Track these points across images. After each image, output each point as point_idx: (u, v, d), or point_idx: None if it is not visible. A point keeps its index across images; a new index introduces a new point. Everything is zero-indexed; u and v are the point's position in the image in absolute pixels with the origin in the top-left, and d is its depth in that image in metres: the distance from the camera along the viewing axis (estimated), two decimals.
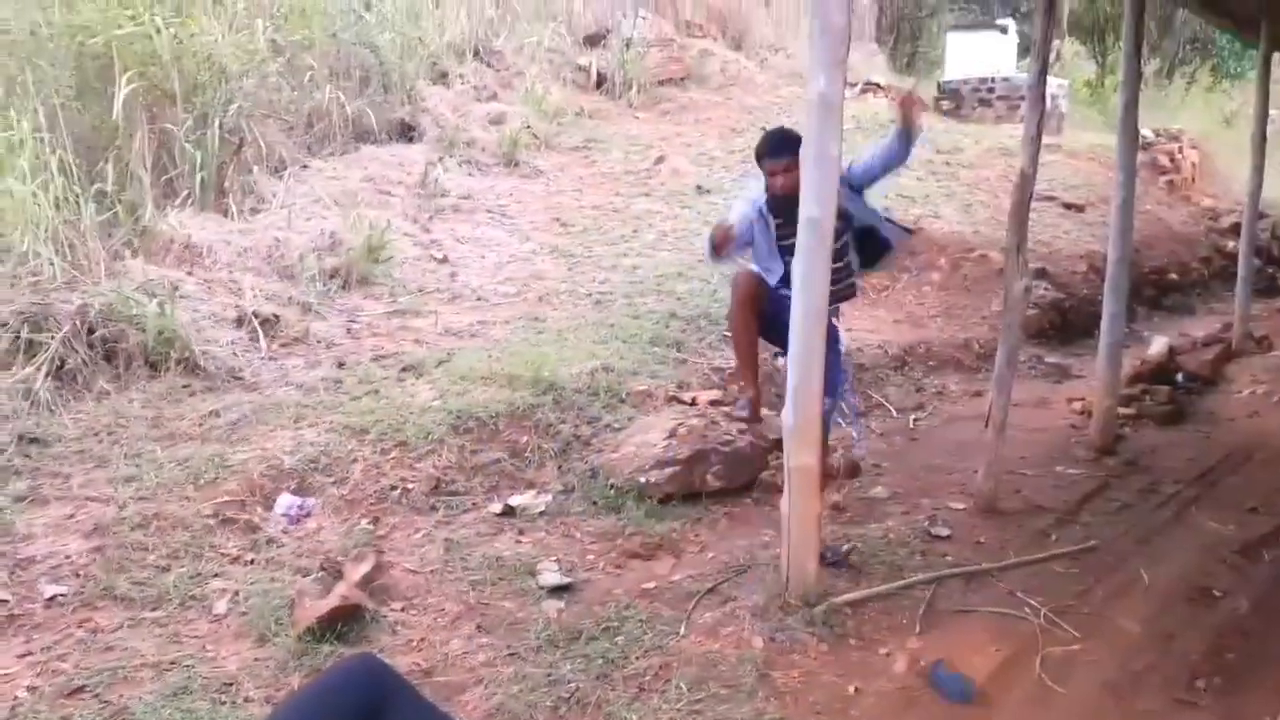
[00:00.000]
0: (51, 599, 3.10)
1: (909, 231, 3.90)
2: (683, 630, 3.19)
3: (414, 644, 3.14)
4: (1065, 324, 8.03)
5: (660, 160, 9.22)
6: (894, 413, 5.78)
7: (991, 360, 4.74)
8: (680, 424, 4.50)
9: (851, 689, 2.86)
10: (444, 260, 6.85)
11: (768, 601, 3.29)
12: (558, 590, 3.49)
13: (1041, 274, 7.98)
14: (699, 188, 8.75)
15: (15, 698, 2.71)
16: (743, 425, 4.60)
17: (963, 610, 3.29)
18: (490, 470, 4.33)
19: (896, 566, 3.62)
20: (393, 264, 6.40)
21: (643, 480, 4.25)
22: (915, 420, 5.63)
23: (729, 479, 4.39)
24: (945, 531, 3.94)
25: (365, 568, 3.36)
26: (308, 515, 3.83)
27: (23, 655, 2.90)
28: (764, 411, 4.92)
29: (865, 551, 3.79)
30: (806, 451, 3.17)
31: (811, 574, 3.26)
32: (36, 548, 3.30)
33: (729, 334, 4.02)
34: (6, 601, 3.06)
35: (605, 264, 7.09)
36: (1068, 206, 9.97)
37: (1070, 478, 4.74)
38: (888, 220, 4.26)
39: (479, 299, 6.33)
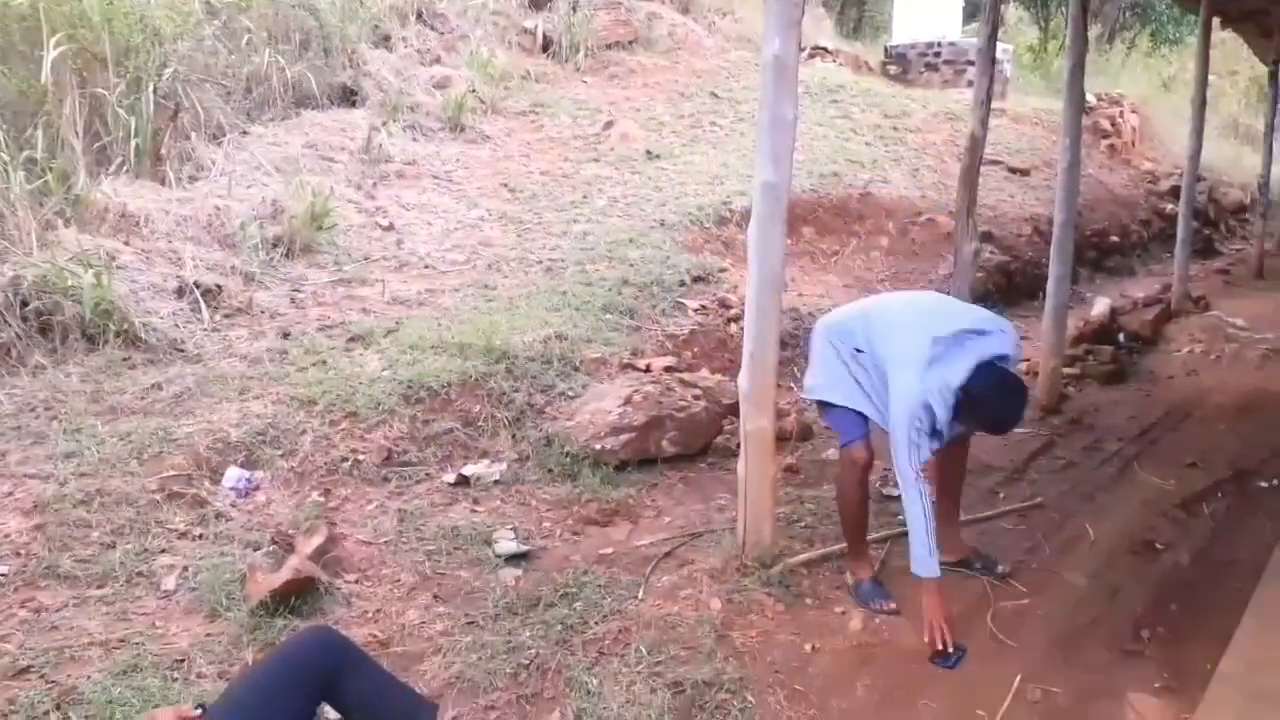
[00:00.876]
0: None
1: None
2: (641, 594, 3.20)
3: (370, 615, 3.11)
4: (1011, 286, 8.16)
5: (609, 125, 9.13)
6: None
7: None
8: (635, 391, 4.49)
9: (809, 647, 2.90)
10: (390, 228, 6.71)
11: (725, 564, 3.31)
12: (515, 558, 3.48)
13: (988, 237, 8.08)
14: (649, 153, 8.68)
15: None
16: (697, 392, 4.61)
17: None
18: (443, 440, 4.29)
19: None
20: (337, 232, 6.26)
21: (598, 447, 4.24)
22: None
23: (685, 445, 4.40)
24: (896, 491, 3.99)
25: (317, 540, 3.31)
26: (256, 488, 3.76)
27: None
28: (718, 378, 4.94)
29: (817, 513, 3.83)
30: (762, 415, 3.18)
31: (767, 536, 3.28)
32: None
33: (838, 510, 3.36)
34: None
35: (555, 230, 7.02)
36: (1013, 170, 10.10)
37: (1016, 437, 4.82)
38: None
39: (427, 267, 6.22)
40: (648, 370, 4.98)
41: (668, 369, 5.02)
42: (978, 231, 5.64)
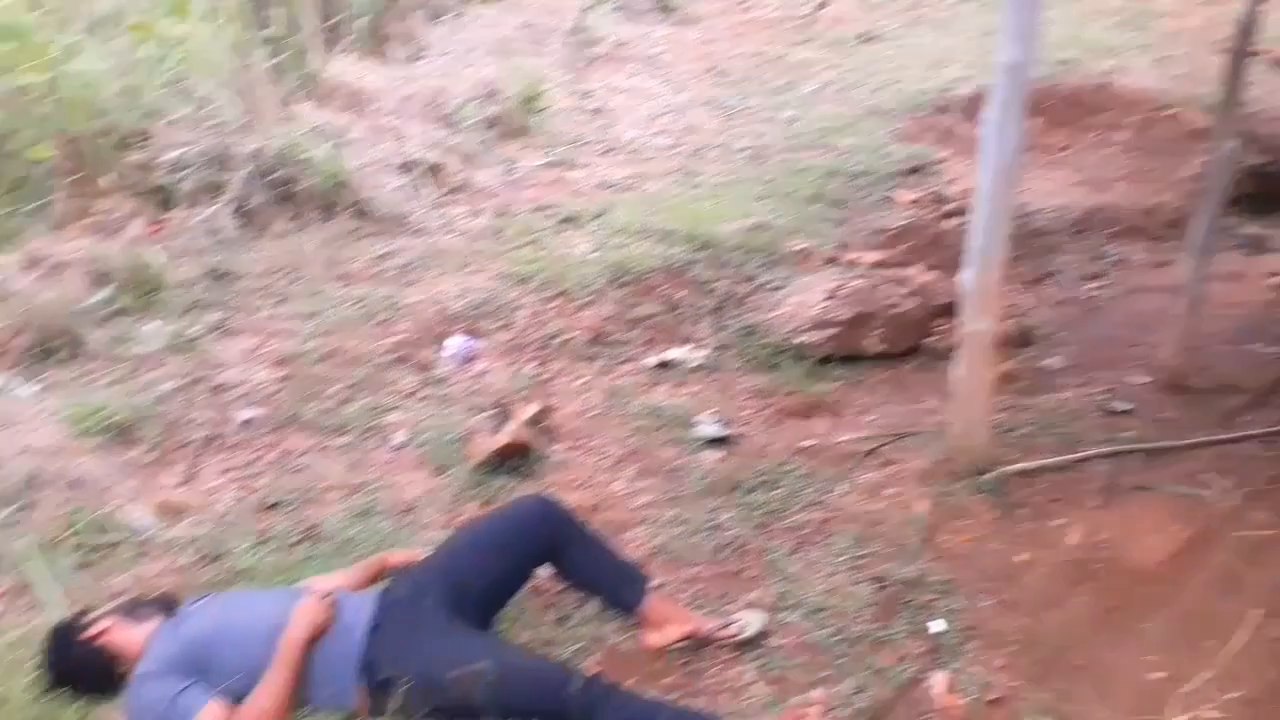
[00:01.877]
0: (246, 422, 3.33)
1: None
2: (843, 489, 3.17)
3: (579, 483, 3.23)
4: (1266, 193, 7.32)
5: (822, 6, 8.71)
6: (1070, 281, 5.45)
7: (1181, 228, 4.39)
8: (841, 285, 4.37)
9: (1022, 558, 2.80)
10: (598, 111, 6.74)
11: (933, 467, 3.22)
12: (715, 442, 3.52)
13: (1248, 137, 7.25)
14: (863, 35, 8.25)
15: (220, 511, 2.94)
16: (908, 289, 4.44)
17: (1144, 487, 3.13)
18: (647, 324, 4.34)
19: (1072, 439, 3.46)
20: (548, 114, 6.34)
21: (800, 340, 4.18)
22: (1093, 289, 5.30)
23: (891, 343, 4.26)
24: (1125, 406, 3.74)
25: (532, 409, 3.45)
26: (475, 357, 3.94)
27: (224, 472, 3.13)
28: (931, 275, 4.73)
29: (1036, 423, 3.65)
30: (984, 316, 3.02)
31: (981, 442, 3.16)
32: (230, 375, 3.52)
33: None
34: (207, 423, 3.29)
35: (762, 116, 6.84)
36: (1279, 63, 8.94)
37: (1266, 357, 4.38)
38: None
39: (633, 151, 6.23)
40: (854, 264, 4.83)
41: (876, 264, 4.84)
42: (1239, 129, 5.06)
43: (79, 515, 2.76)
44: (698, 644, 2.42)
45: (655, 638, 2.42)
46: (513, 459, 3.23)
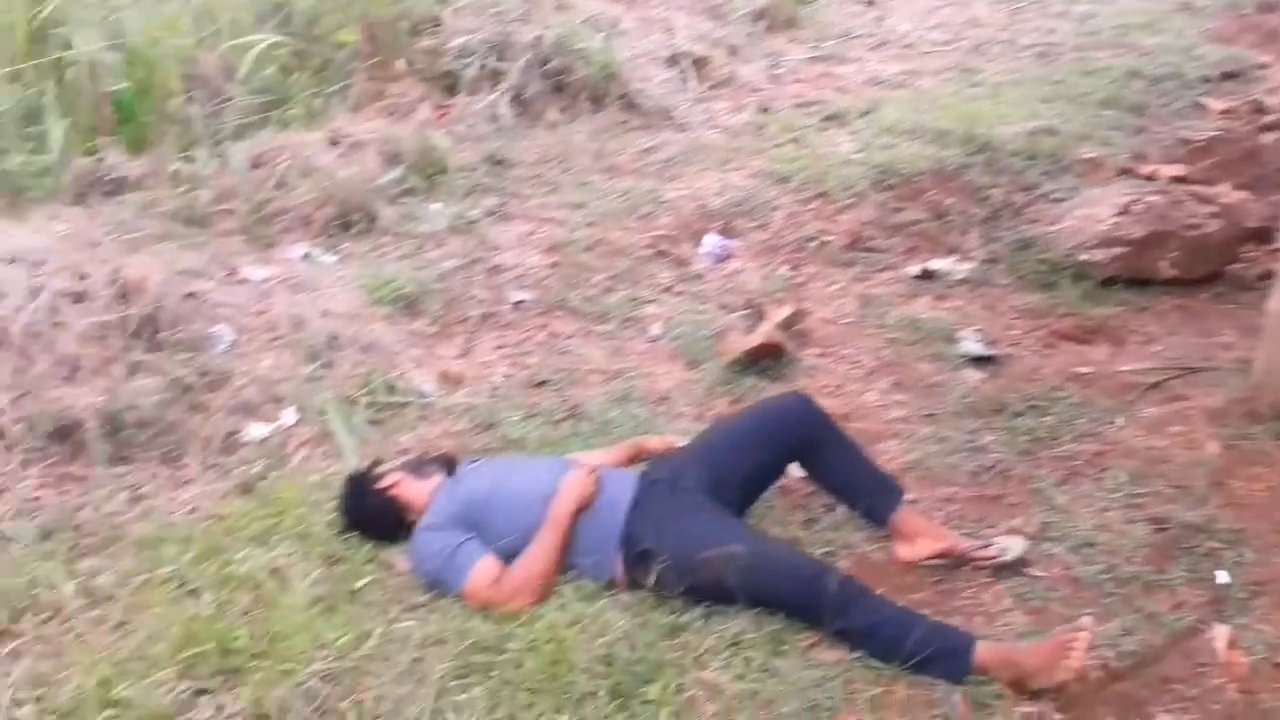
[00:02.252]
0: (518, 303, 3.51)
1: None
2: (1121, 421, 2.94)
3: (830, 390, 3.19)
4: None
5: None
6: None
7: None
8: (1135, 200, 3.99)
9: None
10: (871, 3, 6.43)
11: (1228, 406, 2.92)
12: (978, 360, 3.35)
13: None
14: None
15: (494, 382, 3.14)
16: (1213, 209, 3.98)
17: None
18: (910, 230, 4.16)
19: None
20: (819, 5, 6.12)
21: (1083, 258, 3.87)
22: None
23: (1187, 268, 3.86)
24: None
25: (786, 311, 3.42)
26: (730, 256, 3.94)
27: (497, 348, 3.34)
28: (1241, 196, 4.22)
29: None
30: None
31: None
32: (504, 258, 3.71)
33: None
34: (483, 301, 3.50)
35: (1053, 10, 6.28)
36: None
37: None
38: None
39: (907, 46, 5.90)
40: (1151, 178, 4.38)
41: (1176, 179, 4.37)
42: None
43: (372, 376, 3.03)
44: (952, 563, 2.36)
45: (907, 551, 2.38)
46: (764, 360, 3.23)
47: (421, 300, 3.42)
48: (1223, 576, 2.31)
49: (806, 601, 2.10)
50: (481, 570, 2.22)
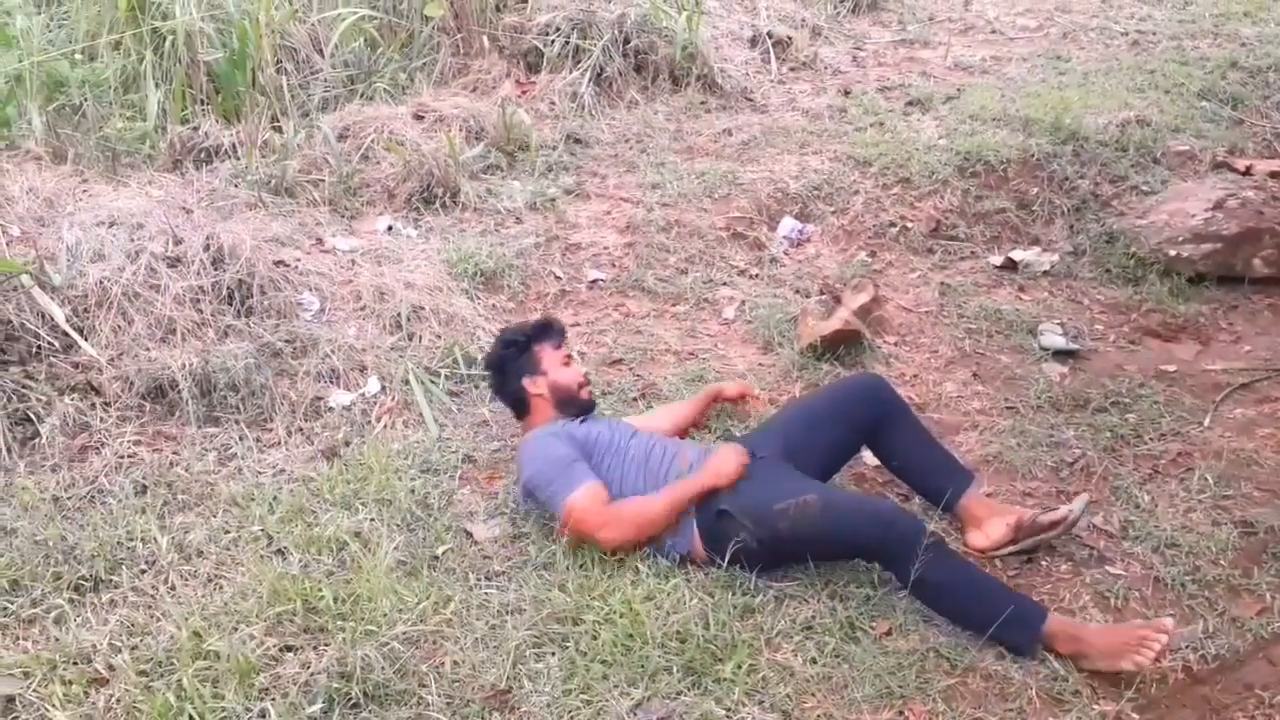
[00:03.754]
0: (594, 282, 3.53)
1: None
2: (1208, 421, 2.88)
3: (907, 378, 3.17)
4: None
5: None
6: None
7: None
8: (1230, 195, 3.87)
9: None
10: None
11: None
12: (1061, 354, 3.30)
13: None
14: None
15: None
16: None
17: None
18: (994, 219, 4.09)
19: None
20: None
21: (1172, 253, 3.77)
22: None
23: None
24: None
25: (864, 297, 3.39)
26: (808, 240, 3.92)
27: (573, 325, 3.35)
28: None
29: None
30: None
31: None
32: (581, 236, 3.73)
33: None
34: (560, 279, 3.53)
35: None
36: None
37: None
38: None
39: (994, 31, 5.78)
40: (1247, 173, 4.24)
41: (1274, 175, 4.22)
42: None
43: (453, 349, 3.08)
44: (1027, 554, 2.33)
45: (980, 538, 2.35)
46: (840, 346, 3.21)
47: (500, 275, 3.46)
48: None
49: (885, 543, 2.12)
50: (591, 490, 2.26)
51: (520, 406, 2.60)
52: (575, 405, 2.55)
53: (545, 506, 2.34)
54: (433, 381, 2.94)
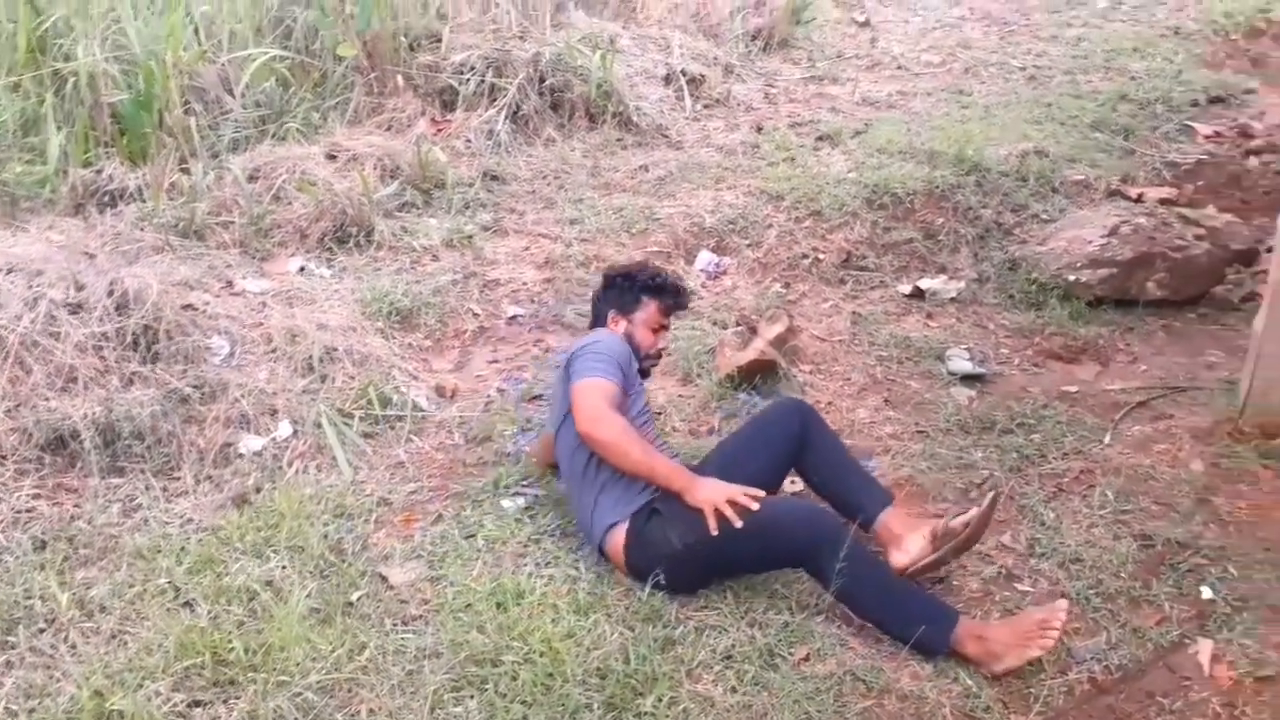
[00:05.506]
0: (512, 318, 3.54)
1: None
2: (1108, 439, 2.99)
3: (822, 406, 3.21)
4: None
5: None
6: None
7: None
8: (1124, 222, 4.04)
9: None
10: (865, 24, 6.50)
11: (1213, 425, 2.97)
12: (968, 379, 3.40)
13: None
14: None
15: (488, 396, 3.16)
16: (1200, 231, 4.04)
17: None
18: (902, 249, 4.21)
19: None
20: (813, 26, 6.19)
21: (1071, 278, 3.92)
22: None
23: (1174, 289, 3.91)
24: None
25: (779, 328, 3.45)
26: (724, 272, 3.98)
27: (491, 362, 3.36)
28: (1227, 218, 4.28)
29: None
30: None
31: (1276, 402, 2.87)
32: (499, 272, 3.74)
33: None
34: (478, 315, 3.52)
35: (1044, 34, 6.37)
36: None
37: None
38: None
39: (900, 68, 5.98)
40: (1139, 200, 4.45)
41: (1164, 201, 4.44)
42: None
43: (367, 390, 3.04)
44: (941, 573, 2.38)
45: (901, 556, 2.37)
46: (757, 376, 3.26)
47: (416, 314, 3.44)
48: (1207, 592, 2.34)
49: (815, 540, 2.20)
50: (607, 386, 2.32)
51: (597, 323, 2.68)
52: (634, 360, 2.58)
53: (571, 376, 2.37)
54: (346, 423, 2.90)
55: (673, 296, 2.67)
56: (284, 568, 2.33)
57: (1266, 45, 6.30)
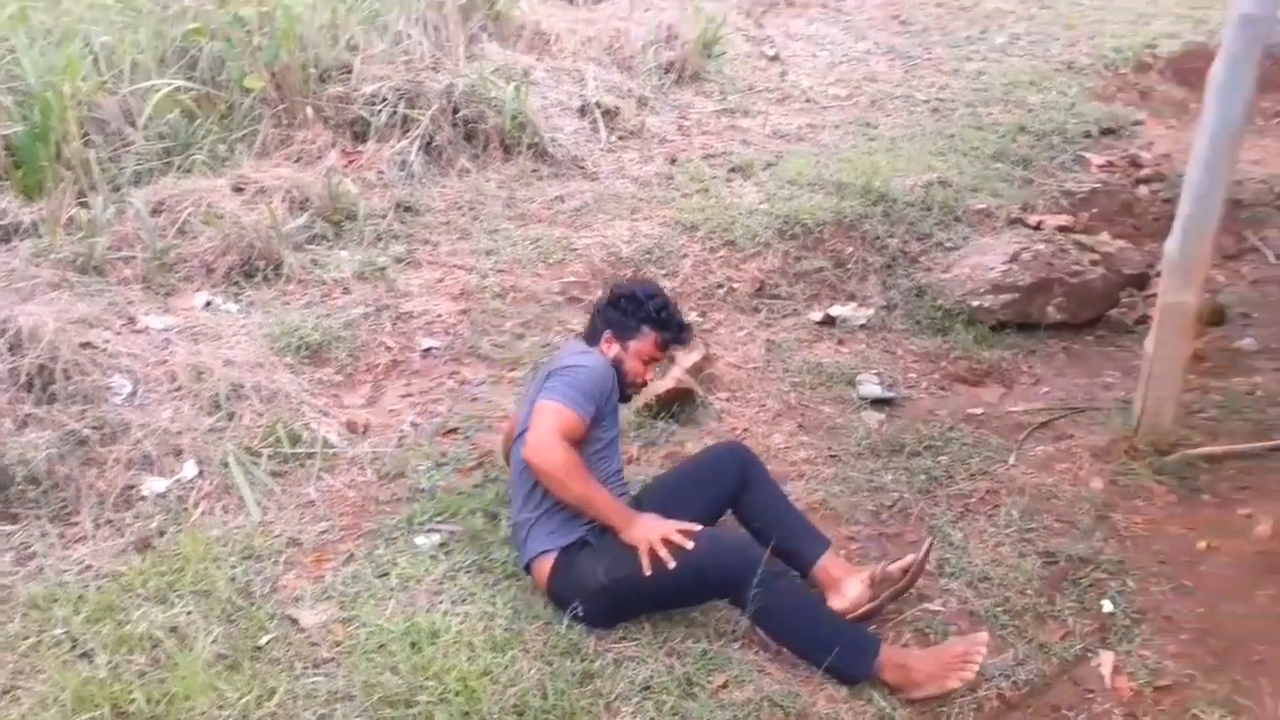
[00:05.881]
0: (427, 351, 3.50)
1: None
2: (1012, 460, 3.09)
3: (738, 433, 3.26)
4: None
5: None
6: (1272, 259, 5.05)
7: None
8: (1024, 249, 4.20)
9: (1202, 545, 2.67)
10: (775, 58, 6.64)
11: (1110, 444, 3.09)
12: (878, 403, 3.48)
13: None
14: None
15: (402, 431, 3.12)
16: (1095, 257, 4.22)
17: None
18: (813, 278, 4.30)
19: (1264, 426, 3.26)
20: (725, 60, 6.30)
21: (975, 304, 4.05)
22: None
23: (1072, 313, 4.07)
24: None
25: (695, 356, 3.48)
26: None
27: (405, 396, 3.31)
28: (1120, 244, 4.48)
29: (1225, 406, 3.43)
30: (1187, 289, 2.85)
31: (1167, 421, 3.01)
32: (413, 304, 3.70)
33: None
34: (391, 349, 3.48)
35: (946, 68, 6.59)
36: None
37: None
38: None
39: (808, 101, 6.12)
40: (1038, 228, 4.63)
41: (1061, 229, 4.63)
42: None
43: (275, 427, 2.97)
44: (873, 611, 2.40)
45: (839, 600, 2.40)
46: (675, 404, 3.28)
47: (327, 348, 3.38)
48: (1108, 606, 2.43)
49: (742, 567, 2.21)
50: (571, 419, 2.30)
51: (591, 340, 2.60)
52: (617, 388, 2.54)
53: (545, 392, 2.36)
54: (254, 462, 2.83)
55: (674, 332, 2.60)
56: (189, 613, 2.25)
57: (1153, 79, 6.63)
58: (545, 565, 2.34)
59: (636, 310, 2.55)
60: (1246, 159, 5.84)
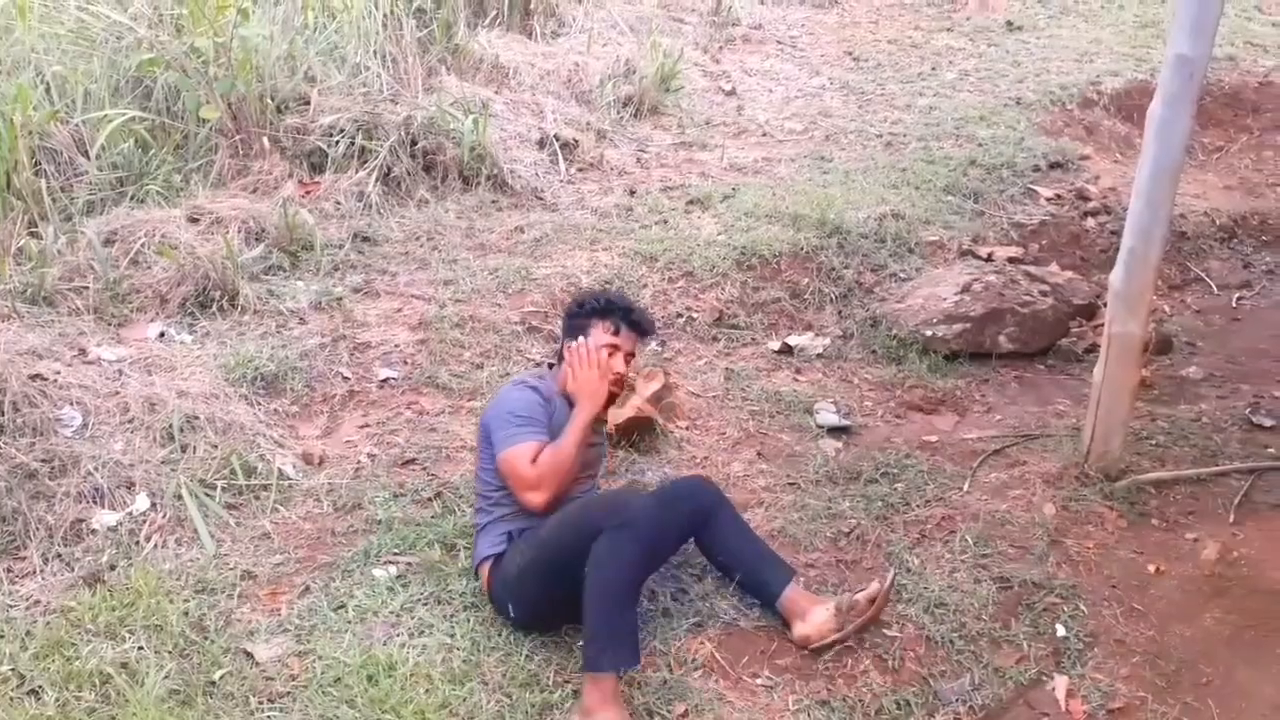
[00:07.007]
0: (384, 381, 3.48)
1: None
2: (966, 486, 3.13)
3: (698, 461, 3.28)
4: None
5: None
6: (1214, 289, 5.21)
7: None
8: (975, 279, 4.28)
9: (1152, 569, 2.72)
10: (731, 93, 6.74)
11: (1062, 470, 3.15)
12: (835, 431, 3.52)
13: None
14: (1009, 24, 8.01)
15: (359, 462, 3.10)
16: (1045, 287, 4.31)
17: None
18: (770, 308, 4.35)
19: (1210, 452, 3.34)
20: (682, 94, 6.38)
21: (928, 334, 4.12)
22: (1239, 299, 5.06)
23: (1023, 342, 4.16)
24: (1269, 421, 3.57)
25: (655, 385, 3.50)
26: None
27: (362, 427, 3.29)
28: (1069, 275, 4.58)
29: (1172, 433, 3.52)
30: (1132, 318, 2.93)
31: (1116, 447, 3.07)
32: (371, 335, 3.68)
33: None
34: (348, 379, 3.46)
35: (899, 103, 6.72)
36: None
37: None
38: None
39: (765, 134, 6.21)
40: (989, 259, 4.72)
41: (1012, 260, 4.72)
42: None
43: (230, 459, 2.94)
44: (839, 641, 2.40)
45: (806, 628, 2.41)
46: (635, 432, 3.30)
47: (283, 379, 3.35)
48: (1061, 630, 2.47)
49: (600, 518, 2.30)
50: (525, 449, 2.45)
51: (559, 359, 2.74)
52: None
53: (495, 445, 2.50)
54: (208, 495, 2.79)
55: (620, 314, 2.70)
56: (140, 648, 2.22)
57: (1098, 115, 6.81)
58: (485, 570, 2.46)
59: (580, 310, 2.72)
60: (1189, 193, 6.04)
